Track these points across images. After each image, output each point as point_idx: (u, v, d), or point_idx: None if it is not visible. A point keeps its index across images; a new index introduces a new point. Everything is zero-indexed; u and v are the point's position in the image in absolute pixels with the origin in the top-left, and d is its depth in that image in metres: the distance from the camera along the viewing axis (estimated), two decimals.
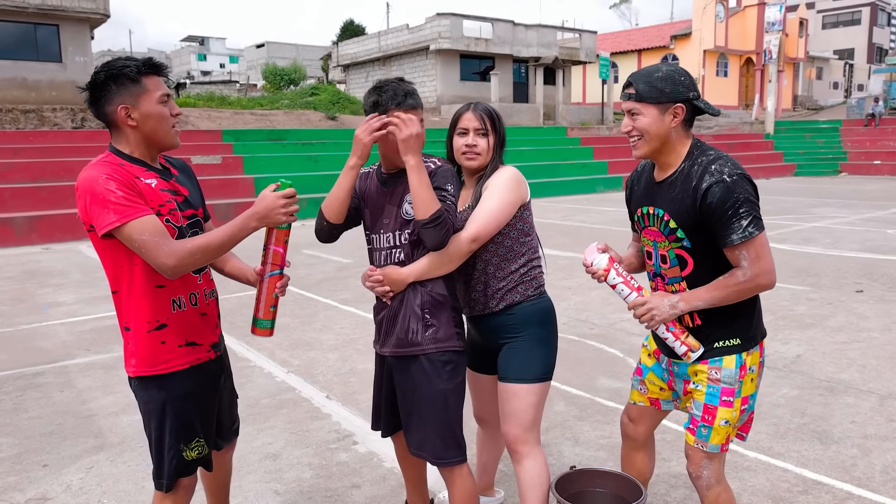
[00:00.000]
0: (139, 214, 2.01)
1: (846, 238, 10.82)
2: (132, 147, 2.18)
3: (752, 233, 2.14)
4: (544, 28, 31.24)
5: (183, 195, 2.28)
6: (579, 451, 3.69)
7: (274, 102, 26.17)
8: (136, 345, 2.19)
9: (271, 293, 2.29)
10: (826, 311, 6.48)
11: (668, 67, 2.27)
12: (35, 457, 3.77)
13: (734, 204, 2.13)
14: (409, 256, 2.45)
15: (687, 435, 2.39)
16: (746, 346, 2.32)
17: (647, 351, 2.61)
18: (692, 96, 2.23)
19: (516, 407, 2.53)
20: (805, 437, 3.79)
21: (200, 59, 75.98)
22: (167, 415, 2.20)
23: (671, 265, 2.34)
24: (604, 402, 4.34)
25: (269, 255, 2.26)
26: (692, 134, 2.33)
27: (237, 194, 15.36)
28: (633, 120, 2.28)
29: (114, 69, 2.10)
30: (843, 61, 49.95)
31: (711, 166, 2.19)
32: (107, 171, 2.05)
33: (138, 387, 2.23)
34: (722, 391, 2.30)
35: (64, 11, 20.28)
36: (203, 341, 2.31)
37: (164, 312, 2.19)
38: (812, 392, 4.44)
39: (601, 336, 5.81)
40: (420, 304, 2.44)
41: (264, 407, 4.43)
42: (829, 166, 26.67)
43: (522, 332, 2.56)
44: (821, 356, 5.17)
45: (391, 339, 2.50)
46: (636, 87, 2.25)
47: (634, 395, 2.64)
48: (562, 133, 26.37)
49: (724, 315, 2.29)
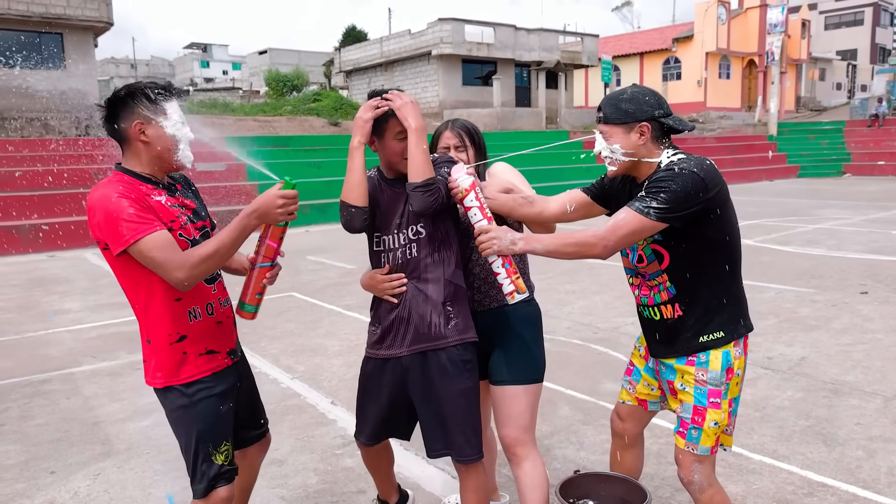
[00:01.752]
0: (151, 231, 2.06)
1: (850, 239, 10.81)
2: (143, 164, 2.23)
3: (646, 212, 2.17)
4: (546, 32, 31.29)
5: (191, 208, 2.35)
6: (584, 456, 3.70)
7: (276, 109, 26.24)
8: (158, 357, 2.25)
9: (259, 282, 2.37)
10: (830, 312, 6.48)
11: (634, 89, 2.35)
12: (43, 464, 3.79)
13: (660, 184, 2.18)
14: (423, 248, 2.46)
15: (677, 439, 2.41)
16: (730, 339, 2.34)
17: (639, 353, 2.65)
18: (657, 114, 2.29)
19: (515, 409, 2.55)
20: (810, 439, 3.79)
21: (203, 66, 76.23)
22: (194, 421, 2.27)
23: (649, 262, 2.37)
24: (608, 407, 4.33)
25: (262, 247, 2.33)
26: (667, 147, 2.35)
27: (241, 201, 15.34)
28: (602, 141, 2.36)
29: (135, 89, 2.18)
30: (845, 62, 49.98)
31: (673, 161, 2.25)
32: (118, 190, 2.10)
33: (164, 397, 2.30)
34: (709, 392, 2.34)
35: (68, 20, 20.42)
36: (221, 349, 2.37)
37: (183, 324, 2.25)
38: (817, 394, 4.44)
39: (605, 340, 5.82)
40: (443, 297, 2.46)
41: (269, 413, 4.39)
42: (833, 167, 26.65)
43: (517, 332, 2.60)
44: (826, 358, 5.17)
45: (408, 337, 2.48)
46: (604, 110, 2.34)
47: (623, 395, 2.69)
48: (564, 137, 26.36)
49: (705, 307, 2.32)
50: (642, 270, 2.41)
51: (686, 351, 2.37)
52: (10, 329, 6.92)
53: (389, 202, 2.50)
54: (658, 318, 2.42)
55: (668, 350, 2.42)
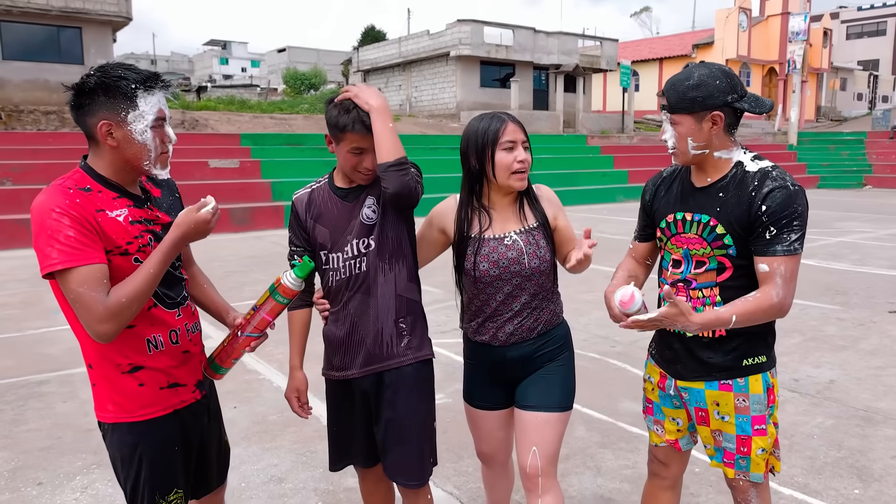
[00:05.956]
0: (85, 261, 1.75)
1: (875, 254, 10.50)
2: (108, 168, 1.90)
3: (796, 249, 2.00)
4: (565, 35, 31.01)
5: (162, 223, 2.00)
6: (602, 483, 3.48)
7: (294, 107, 26.16)
8: (110, 387, 1.94)
9: (241, 349, 2.14)
10: (858, 332, 6.21)
11: (702, 72, 2.07)
12: (31, 473, 3.61)
13: (791, 214, 1.99)
14: (372, 262, 2.29)
15: (725, 469, 2.22)
16: (771, 364, 2.17)
17: (651, 385, 2.42)
18: (731, 100, 2.04)
19: (544, 437, 2.33)
20: (843, 472, 3.55)
21: (223, 63, 76.52)
22: (143, 464, 1.97)
23: (707, 269, 2.15)
24: (627, 428, 4.12)
25: (255, 317, 2.11)
26: (738, 144, 2.15)
27: (254, 199, 15.27)
28: (671, 129, 2.12)
29: (107, 77, 1.82)
30: (867, 72, 49.29)
31: (773, 172, 2.06)
32: (62, 204, 1.76)
33: (111, 434, 1.98)
34: (753, 420, 2.14)
35: (86, 14, 20.41)
36: (187, 381, 2.08)
37: (139, 354, 1.94)
38: (848, 422, 4.19)
39: (623, 354, 5.59)
40: (395, 314, 2.32)
41: (271, 424, 4.26)
42: (854, 179, 26.17)
43: (558, 358, 2.42)
44: (855, 382, 4.91)
45: (359, 357, 2.34)
46: (668, 98, 2.10)
47: (654, 437, 2.46)
48: (582, 141, 26.11)
49: (752, 330, 2.11)
50: (691, 277, 2.17)
51: (723, 375, 2.15)
52: (12, 325, 6.77)
53: (339, 217, 2.33)
54: (691, 335, 2.18)
55: (698, 373, 2.20)
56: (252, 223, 14.31)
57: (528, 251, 2.32)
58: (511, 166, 2.26)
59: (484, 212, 2.37)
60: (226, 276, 8.96)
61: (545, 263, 2.35)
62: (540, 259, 2.33)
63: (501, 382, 2.47)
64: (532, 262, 2.32)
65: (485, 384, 2.51)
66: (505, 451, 2.64)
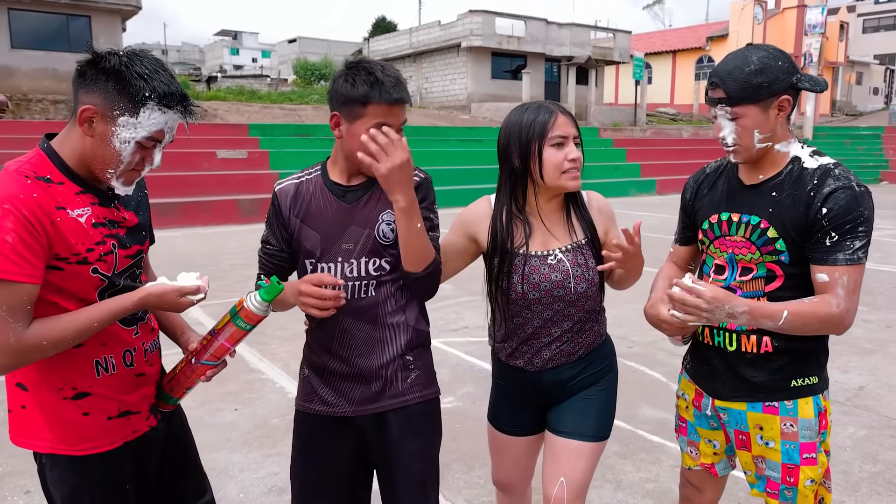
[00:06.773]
0: (13, 277, 1.47)
1: None
2: (74, 157, 1.62)
3: (860, 258, 1.78)
4: (577, 27, 30.68)
5: (128, 225, 1.74)
6: (622, 498, 3.26)
7: (303, 97, 25.98)
8: (44, 414, 1.65)
9: (195, 378, 1.84)
10: (886, 335, 5.96)
11: (761, 54, 1.82)
12: (19, 480, 3.43)
13: (857, 218, 1.76)
14: (385, 288, 1.91)
15: (767, 500, 2.00)
16: (823, 386, 1.95)
17: (685, 402, 2.21)
18: (795, 80, 1.82)
19: (574, 468, 2.07)
20: (881, 489, 3.32)
21: (233, 54, 76.33)
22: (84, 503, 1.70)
23: (755, 277, 1.92)
24: (647, 437, 3.90)
25: (211, 344, 1.79)
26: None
27: (261, 190, 15.07)
28: (730, 124, 1.87)
29: (128, 70, 1.55)
30: (884, 66, 48.67)
31: (836, 170, 1.83)
32: (14, 198, 1.48)
33: (49, 467, 1.70)
34: (802, 448, 1.92)
35: (96, 3, 20.28)
36: (141, 407, 1.79)
37: (85, 378, 1.66)
38: (882, 433, 3.96)
39: (641, 356, 5.37)
40: (404, 348, 1.94)
41: (273, 428, 4.06)
42: (870, 174, 25.73)
43: (599, 381, 2.16)
44: (887, 388, 4.67)
45: (355, 392, 1.94)
46: (726, 88, 1.82)
47: (687, 459, 2.24)
48: (594, 134, 25.79)
49: (803, 348, 1.90)
50: (736, 285, 1.94)
51: (768, 396, 1.93)
52: None
53: (334, 220, 1.90)
54: (733, 349, 1.97)
55: (739, 392, 1.98)
56: (260, 215, 14.10)
57: (574, 273, 2.03)
58: (561, 165, 1.97)
59: (525, 220, 2.06)
60: (232, 269, 8.78)
61: (593, 287, 2.08)
62: (588, 282, 2.05)
63: (533, 407, 2.21)
64: (579, 287, 2.04)
65: (515, 408, 2.25)
66: (525, 479, 2.40)
